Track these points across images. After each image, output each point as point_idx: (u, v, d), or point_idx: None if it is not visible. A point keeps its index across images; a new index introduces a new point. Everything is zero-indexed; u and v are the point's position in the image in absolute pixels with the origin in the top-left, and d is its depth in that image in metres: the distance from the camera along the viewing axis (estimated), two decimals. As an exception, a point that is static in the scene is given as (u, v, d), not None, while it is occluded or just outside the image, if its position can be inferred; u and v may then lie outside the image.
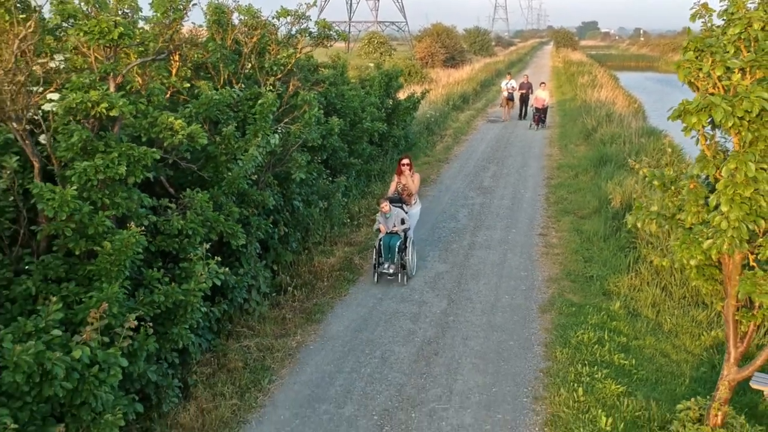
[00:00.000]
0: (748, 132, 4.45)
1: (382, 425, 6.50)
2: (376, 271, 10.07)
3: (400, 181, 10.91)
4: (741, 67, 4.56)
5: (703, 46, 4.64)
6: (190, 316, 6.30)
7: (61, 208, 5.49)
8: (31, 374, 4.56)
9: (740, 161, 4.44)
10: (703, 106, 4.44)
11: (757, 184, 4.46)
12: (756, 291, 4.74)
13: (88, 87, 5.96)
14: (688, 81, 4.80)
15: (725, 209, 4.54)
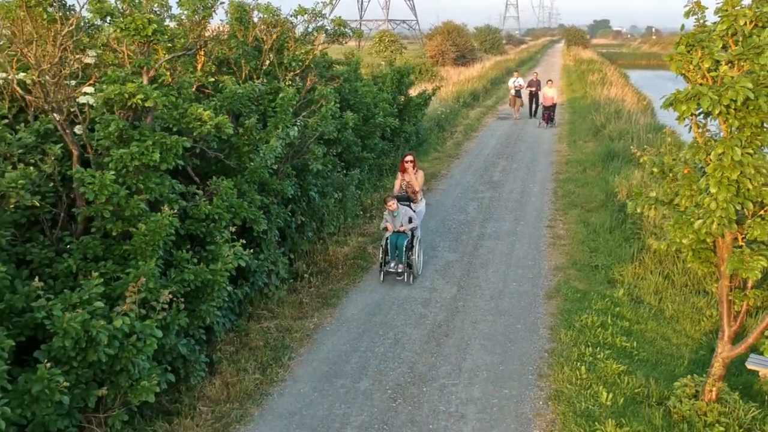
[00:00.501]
0: (735, 119, 4.84)
1: (395, 398, 6.93)
2: (382, 270, 10.04)
3: (404, 178, 10.82)
4: (729, 60, 4.95)
5: (694, 41, 5.04)
6: (217, 294, 6.75)
7: (100, 191, 5.95)
8: (77, 340, 5.03)
9: (727, 146, 4.83)
10: (691, 95, 4.84)
11: (743, 168, 4.85)
12: (742, 267, 5.13)
13: (124, 80, 6.41)
14: (680, 73, 5.19)
15: (714, 191, 4.94)
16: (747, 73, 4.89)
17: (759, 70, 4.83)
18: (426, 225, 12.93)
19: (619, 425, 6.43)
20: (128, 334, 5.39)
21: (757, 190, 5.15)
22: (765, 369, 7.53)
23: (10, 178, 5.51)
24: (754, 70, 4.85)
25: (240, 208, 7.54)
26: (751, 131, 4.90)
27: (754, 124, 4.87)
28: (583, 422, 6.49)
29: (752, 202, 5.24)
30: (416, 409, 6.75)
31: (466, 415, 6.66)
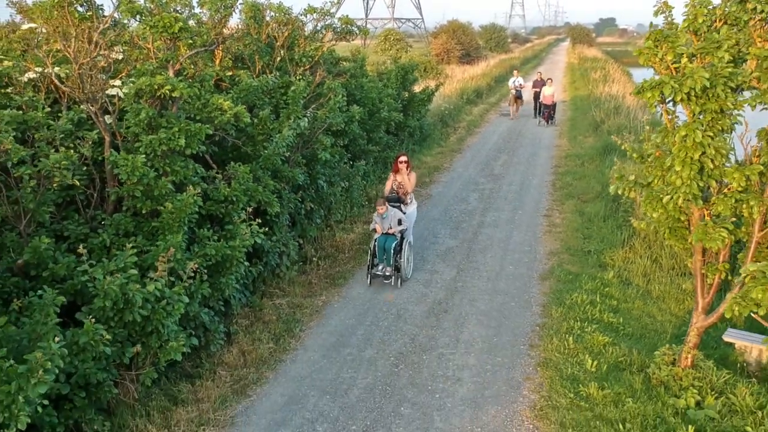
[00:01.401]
0: (696, 106, 5.47)
1: (398, 364, 7.59)
2: (369, 272, 9.82)
3: (395, 179, 10.53)
4: (692, 53, 5.58)
5: (661, 36, 5.66)
6: (235, 269, 7.41)
7: (132, 172, 6.62)
8: (116, 301, 5.70)
9: (689, 129, 5.46)
10: (655, 84, 5.47)
11: (705, 149, 5.49)
12: (706, 238, 5.77)
13: (152, 73, 7.07)
14: (647, 65, 5.82)
15: (678, 168, 5.57)
16: (708, 65, 5.51)
17: (717, 62, 5.45)
18: (429, 214, 13.61)
19: (601, 387, 7.06)
20: (159, 298, 6.06)
21: (720, 169, 5.79)
22: (740, 341, 8.13)
23: (54, 159, 6.18)
24: (714, 63, 5.48)
25: (255, 191, 8.19)
26: (712, 116, 5.52)
27: (713, 110, 5.50)
28: (568, 385, 7.13)
29: (716, 181, 5.87)
30: (416, 373, 7.41)
31: (462, 378, 7.30)
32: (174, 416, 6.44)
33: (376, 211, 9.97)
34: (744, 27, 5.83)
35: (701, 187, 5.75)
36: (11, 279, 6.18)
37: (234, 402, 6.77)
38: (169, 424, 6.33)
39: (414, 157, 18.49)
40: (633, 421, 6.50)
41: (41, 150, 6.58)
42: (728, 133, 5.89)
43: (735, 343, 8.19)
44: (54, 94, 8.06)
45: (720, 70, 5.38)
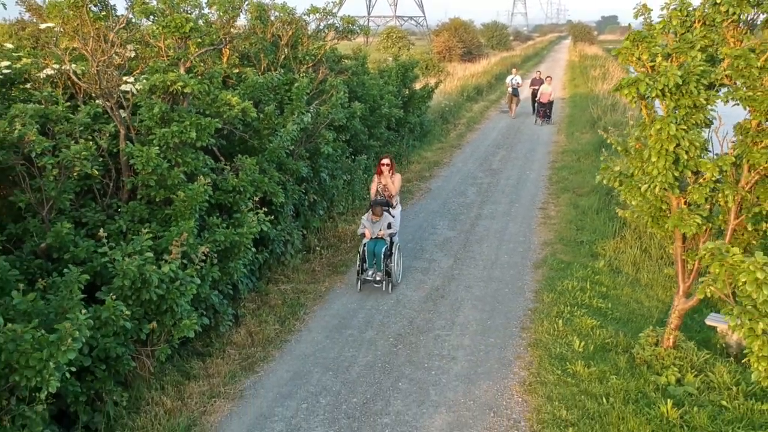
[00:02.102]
0: (670, 101, 5.91)
1: (396, 344, 8.05)
2: (359, 278, 9.64)
3: (380, 181, 10.39)
4: (668, 52, 6.02)
5: (639, 37, 6.10)
6: (243, 254, 7.87)
7: (147, 163, 7.08)
8: (134, 281, 6.15)
9: (664, 123, 5.90)
10: (631, 82, 5.91)
11: (680, 141, 5.93)
12: (681, 224, 6.21)
13: (165, 70, 7.52)
14: (625, 63, 6.26)
15: (654, 159, 6.02)
16: (682, 64, 5.95)
17: (691, 61, 5.89)
18: (428, 207, 14.06)
19: (587, 366, 7.51)
20: (173, 279, 6.51)
21: (694, 160, 6.23)
22: (721, 325, 8.56)
23: (75, 150, 6.63)
24: (687, 61, 5.91)
25: (261, 182, 8.64)
26: (686, 111, 5.96)
27: (687, 105, 5.94)
28: (556, 363, 7.58)
29: (691, 171, 6.31)
30: (414, 352, 7.86)
31: (457, 357, 7.76)
32: (187, 389, 6.91)
33: (366, 214, 9.83)
34: (718, 28, 6.26)
35: (677, 176, 6.19)
36: (35, 261, 6.65)
37: (242, 377, 7.24)
38: (182, 396, 6.79)
39: (414, 152, 18.95)
40: (616, 395, 6.94)
41: (62, 142, 7.03)
42: (702, 126, 6.33)
43: (717, 326, 8.63)
44: (71, 89, 8.51)
45: (693, 68, 5.82)
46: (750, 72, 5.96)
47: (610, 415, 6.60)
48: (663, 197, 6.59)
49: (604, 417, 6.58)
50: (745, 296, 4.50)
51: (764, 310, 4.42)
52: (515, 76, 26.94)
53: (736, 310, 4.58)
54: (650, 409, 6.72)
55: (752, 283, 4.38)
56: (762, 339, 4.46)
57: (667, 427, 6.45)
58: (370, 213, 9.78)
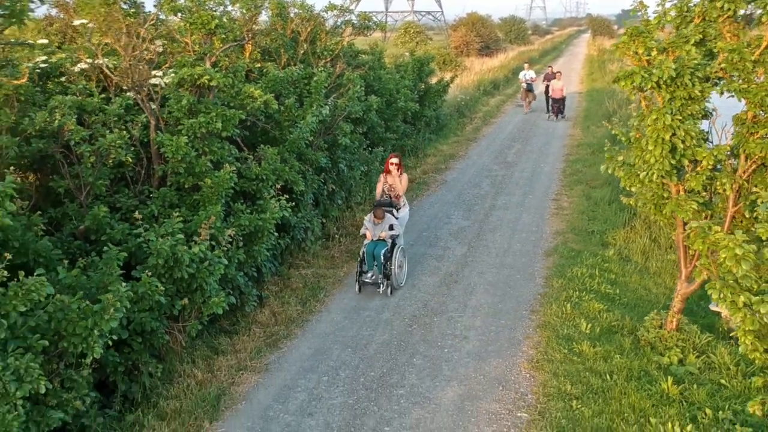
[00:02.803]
0: (666, 93, 6.28)
1: (411, 325, 8.47)
2: (358, 279, 9.44)
3: (386, 180, 10.23)
4: (664, 47, 6.38)
5: (636, 32, 6.46)
6: (266, 238, 8.33)
7: (176, 151, 7.55)
8: (167, 260, 6.62)
9: (660, 113, 6.27)
10: (627, 74, 6.28)
11: (676, 130, 6.29)
12: (678, 209, 6.57)
13: (192, 64, 7.99)
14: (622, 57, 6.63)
15: (651, 148, 6.39)
16: (677, 57, 6.31)
17: (685, 55, 6.25)
18: (443, 198, 14.46)
19: (593, 346, 7.90)
20: (202, 259, 6.97)
21: (691, 149, 6.59)
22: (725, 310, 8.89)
23: (110, 138, 7.12)
24: (682, 55, 6.27)
25: (282, 171, 9.10)
26: (681, 102, 6.32)
27: (682, 96, 6.30)
28: (563, 343, 7.97)
29: (688, 160, 6.68)
30: (428, 332, 8.29)
31: (468, 337, 8.17)
32: (216, 363, 7.39)
33: (369, 215, 9.67)
34: (715, 23, 6.61)
35: (674, 164, 6.55)
36: (75, 242, 7.15)
37: (267, 353, 7.71)
38: (212, 369, 7.28)
39: (430, 145, 19.34)
40: (619, 373, 7.32)
41: (97, 131, 7.52)
42: (699, 118, 6.68)
43: (721, 311, 8.96)
44: (103, 82, 9.00)
45: (687, 61, 6.17)
46: (744, 65, 6.32)
47: (613, 390, 6.98)
48: (664, 185, 6.94)
49: (607, 392, 6.96)
50: (726, 271, 4.86)
51: (744, 284, 4.78)
52: (528, 71, 26.71)
53: (719, 284, 4.95)
54: (651, 385, 7.09)
55: (732, 258, 4.74)
56: (743, 311, 4.83)
57: (666, 402, 6.82)
58: (372, 213, 9.65)
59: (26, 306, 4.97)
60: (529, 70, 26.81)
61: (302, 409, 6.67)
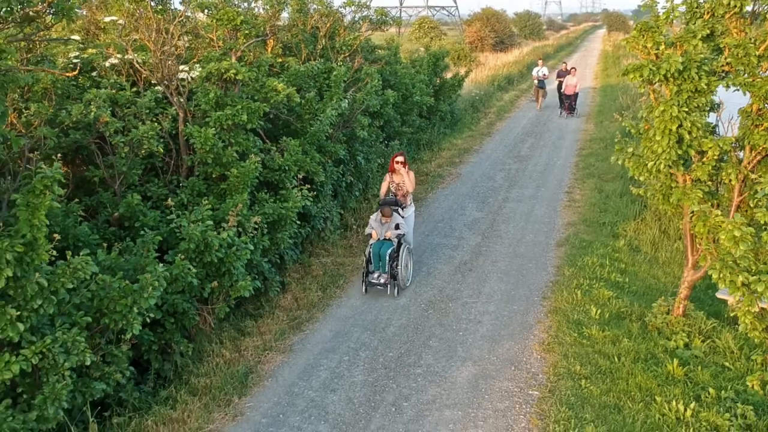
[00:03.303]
0: (673, 85, 6.58)
1: (427, 310, 8.83)
2: (364, 280, 9.33)
3: (393, 179, 10.03)
4: (672, 42, 6.68)
5: (646, 27, 6.77)
6: (289, 227, 8.70)
7: (205, 143, 7.93)
8: (198, 244, 7.01)
9: (667, 105, 6.58)
10: (636, 67, 6.59)
11: (682, 122, 6.60)
12: (684, 197, 6.88)
13: (218, 59, 8.37)
14: (632, 51, 6.94)
15: (659, 138, 6.69)
16: (685, 51, 6.61)
17: (692, 49, 6.55)
18: (458, 190, 14.79)
19: (602, 330, 8.22)
20: (230, 244, 7.35)
21: (697, 140, 6.89)
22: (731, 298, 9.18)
23: (143, 130, 7.51)
24: (689, 50, 6.57)
25: (304, 162, 9.47)
26: (688, 95, 6.62)
27: (689, 89, 6.60)
28: (573, 327, 8.29)
29: (694, 151, 6.98)
30: (443, 317, 8.64)
31: (482, 321, 8.52)
32: (242, 344, 7.79)
33: (375, 215, 9.58)
34: (722, 18, 6.90)
35: (680, 154, 6.85)
36: (109, 229, 7.56)
37: (291, 335, 8.10)
38: (239, 349, 7.68)
39: (445, 139, 19.65)
40: (627, 355, 7.65)
41: (130, 123, 7.92)
42: (705, 110, 6.98)
43: (727, 299, 9.25)
44: (132, 77, 9.40)
45: (694, 56, 6.48)
46: (749, 60, 6.61)
47: (621, 371, 7.31)
48: (671, 175, 7.24)
49: (614, 372, 7.29)
50: (725, 253, 5.18)
51: (742, 264, 5.09)
52: (541, 67, 26.29)
53: (719, 265, 5.27)
54: (657, 367, 7.42)
55: (730, 239, 5.06)
56: (742, 291, 5.14)
57: (672, 382, 7.14)
58: (378, 213, 9.49)
59: (73, 284, 5.37)
60: (543, 67, 26.39)
61: (325, 386, 7.05)
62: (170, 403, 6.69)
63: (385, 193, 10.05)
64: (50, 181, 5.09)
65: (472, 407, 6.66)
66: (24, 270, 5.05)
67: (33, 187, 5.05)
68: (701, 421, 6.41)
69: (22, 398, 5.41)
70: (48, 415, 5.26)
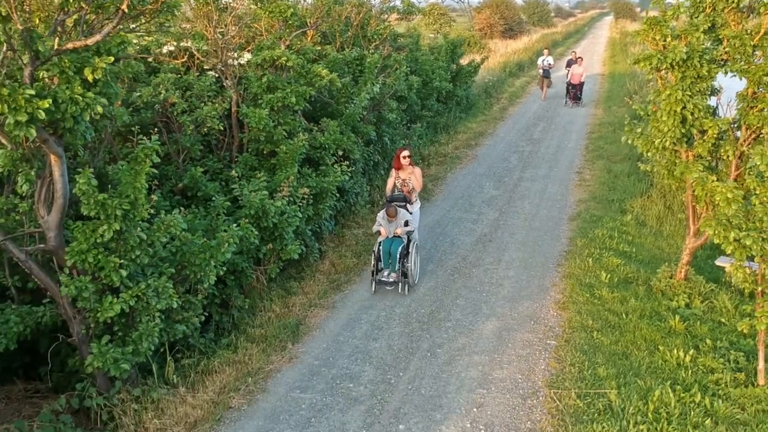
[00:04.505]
0: (678, 72, 7.50)
1: (453, 274, 9.80)
2: (373, 278, 9.16)
3: (399, 176, 9.80)
4: (677, 34, 7.60)
5: (654, 21, 7.68)
6: (329, 199, 9.66)
7: (259, 122, 8.89)
8: (257, 210, 7.98)
9: (673, 89, 7.50)
10: (646, 57, 7.52)
11: (686, 104, 7.52)
12: (686, 170, 7.81)
13: (270, 47, 9.31)
14: (642, 42, 7.85)
15: (665, 119, 7.62)
16: (689, 42, 7.53)
17: (695, 41, 7.46)
18: (475, 170, 15.72)
19: (611, 292, 9.17)
20: (282, 212, 8.33)
21: (699, 120, 7.81)
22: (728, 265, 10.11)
23: (207, 109, 8.47)
24: (692, 41, 7.49)
25: (341, 141, 10.41)
26: (691, 80, 7.54)
27: (692, 75, 7.52)
28: (586, 289, 9.25)
29: (696, 130, 7.90)
30: (468, 280, 9.61)
31: (503, 284, 9.48)
32: (290, 301, 8.77)
33: (382, 212, 9.34)
34: (721, 13, 7.80)
35: (683, 133, 7.78)
36: (175, 197, 8.54)
37: (332, 294, 9.09)
38: (287, 305, 8.66)
39: (461, 123, 20.56)
40: (633, 312, 8.60)
41: (192, 104, 8.88)
42: (707, 94, 7.90)
43: (725, 266, 10.18)
44: (187, 63, 10.34)
45: (696, 46, 7.39)
46: (745, 49, 7.52)
47: (628, 325, 8.27)
48: (676, 152, 8.17)
49: (622, 326, 8.25)
50: (720, 213, 6.12)
51: (735, 222, 6.03)
52: (547, 57, 25.97)
53: (714, 223, 6.21)
54: (661, 322, 8.38)
55: (724, 200, 6.00)
56: (734, 245, 6.09)
57: (673, 334, 8.10)
58: (385, 211, 9.29)
59: (166, 238, 6.36)
60: (548, 56, 26.07)
61: (367, 336, 8.03)
62: (232, 348, 7.67)
63: (391, 190, 9.87)
64: (150, 150, 6.07)
65: (497, 353, 7.64)
66: (128, 225, 6.03)
67: (136, 155, 6.03)
68: (699, 365, 7.38)
69: (117, 336, 6.40)
70: (141, 350, 6.25)
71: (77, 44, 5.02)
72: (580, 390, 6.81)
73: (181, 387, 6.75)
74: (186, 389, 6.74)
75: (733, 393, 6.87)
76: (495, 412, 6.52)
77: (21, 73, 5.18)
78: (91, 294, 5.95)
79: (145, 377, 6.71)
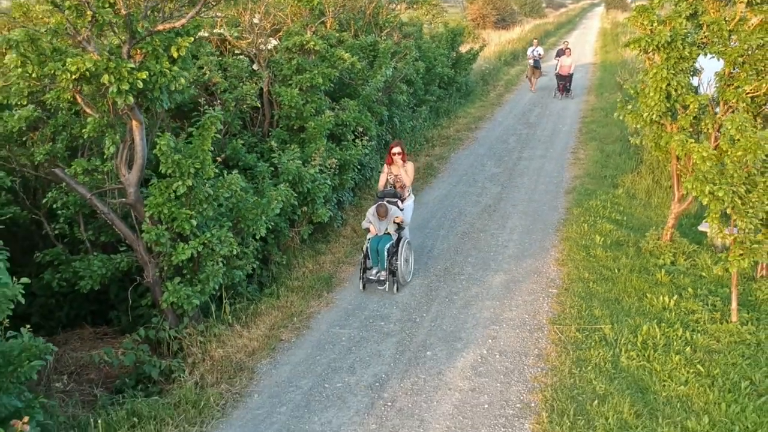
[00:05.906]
0: (663, 53, 8.62)
1: (463, 238, 10.91)
2: (362, 276, 9.04)
3: (391, 171, 9.69)
4: (663, 20, 8.71)
5: (643, 9, 8.78)
6: (351, 170, 10.74)
7: (290, 100, 9.94)
8: (292, 177, 9.05)
9: (658, 69, 8.62)
10: (635, 40, 8.63)
11: (670, 81, 8.64)
12: (671, 141, 8.93)
13: (297, 33, 10.36)
14: (632, 27, 8.96)
15: (652, 94, 8.74)
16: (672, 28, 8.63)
17: (678, 26, 8.57)
18: (476, 151, 16.82)
19: (605, 251, 10.30)
20: (314, 179, 9.40)
21: (682, 96, 8.93)
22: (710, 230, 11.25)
23: (246, 88, 9.52)
24: (675, 26, 8.60)
25: (360, 119, 11.48)
26: (675, 61, 8.66)
27: (675, 57, 8.63)
28: (581, 249, 10.37)
29: (680, 105, 9.02)
30: (476, 242, 10.72)
31: (508, 246, 10.60)
32: (320, 259, 9.87)
33: (372, 208, 9.19)
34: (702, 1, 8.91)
35: (668, 107, 8.89)
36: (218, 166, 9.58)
37: (357, 254, 10.17)
38: (318, 263, 9.76)
39: (460, 108, 21.64)
40: (624, 268, 9.73)
41: (232, 83, 9.92)
42: (689, 73, 9.01)
43: (706, 231, 11.31)
44: (219, 47, 11.38)
45: (679, 30, 8.50)
46: (722, 34, 8.63)
47: (619, 278, 9.40)
48: (662, 125, 9.29)
49: (615, 279, 9.38)
50: (698, 170, 7.24)
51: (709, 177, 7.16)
52: (536, 47, 26.08)
53: (692, 178, 7.33)
54: (649, 276, 9.52)
55: (700, 158, 7.12)
56: (708, 197, 7.22)
57: (659, 285, 9.23)
58: (375, 209, 9.13)
59: (228, 194, 7.43)
60: (538, 47, 26.18)
61: (392, 287, 9.15)
62: (275, 296, 8.76)
63: (384, 186, 9.75)
64: (215, 119, 7.13)
65: (506, 299, 8.77)
66: (197, 182, 7.09)
67: (203, 123, 7.09)
68: (681, 308, 8.52)
69: (186, 278, 7.46)
70: (207, 289, 7.33)
71: (167, 26, 6.08)
72: (579, 325, 7.96)
73: (237, 325, 7.84)
74: (241, 327, 7.84)
75: (710, 328, 8.01)
76: (507, 342, 7.65)
77: (119, 50, 6.22)
78: (167, 240, 7.01)
79: (207, 317, 7.79)
